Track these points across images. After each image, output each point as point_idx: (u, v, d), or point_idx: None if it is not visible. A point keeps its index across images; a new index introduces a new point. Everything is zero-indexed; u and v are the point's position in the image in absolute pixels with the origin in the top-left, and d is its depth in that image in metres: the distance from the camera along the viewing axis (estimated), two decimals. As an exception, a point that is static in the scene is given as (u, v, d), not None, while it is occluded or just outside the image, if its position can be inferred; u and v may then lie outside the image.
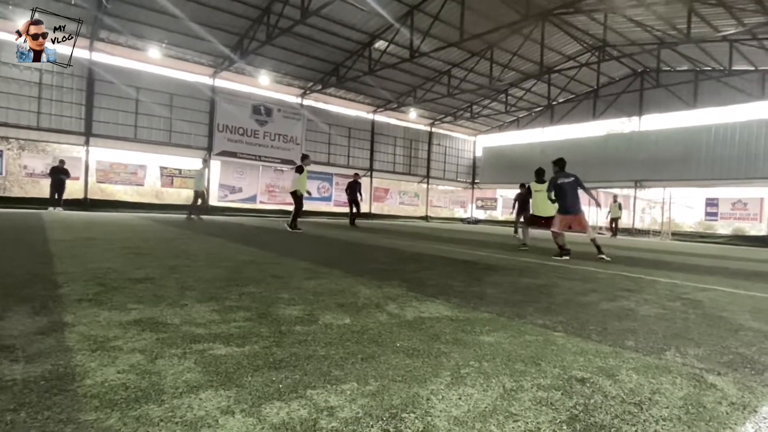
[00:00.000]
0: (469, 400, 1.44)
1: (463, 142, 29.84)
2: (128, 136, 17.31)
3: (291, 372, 1.60)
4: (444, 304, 2.89)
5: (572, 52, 19.99)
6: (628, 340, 2.28)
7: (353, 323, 2.31)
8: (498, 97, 24.09)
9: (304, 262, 4.66)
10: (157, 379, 1.47)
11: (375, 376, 1.59)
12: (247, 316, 2.33)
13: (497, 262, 5.87)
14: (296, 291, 3.06)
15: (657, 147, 20.75)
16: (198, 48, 17.22)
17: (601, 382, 1.66)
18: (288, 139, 21.13)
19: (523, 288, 3.76)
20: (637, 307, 3.16)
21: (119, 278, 3.21)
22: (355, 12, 15.57)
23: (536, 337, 2.23)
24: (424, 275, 4.20)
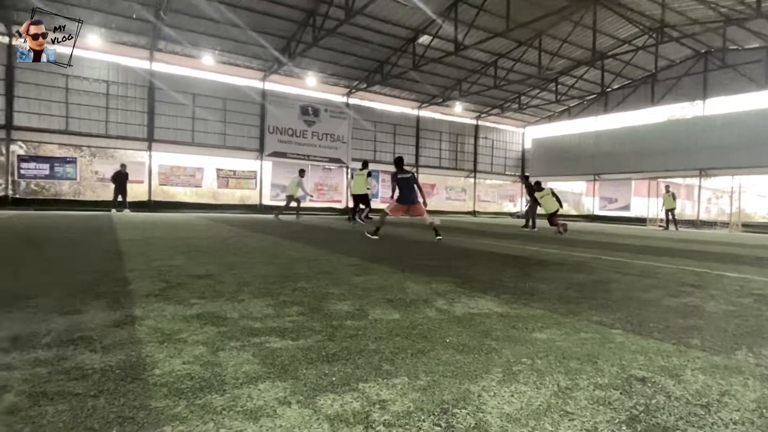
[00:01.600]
0: (522, 397, 1.42)
1: (510, 134, 29.09)
2: (186, 141, 18.28)
3: (343, 365, 1.64)
4: (494, 300, 2.85)
5: (627, 36, 18.93)
6: (693, 338, 2.16)
7: (402, 318, 2.33)
8: (547, 86, 23.26)
9: (352, 258, 4.74)
10: (219, 370, 1.56)
11: (425, 371, 1.60)
12: (300, 311, 2.41)
13: (549, 257, 5.70)
14: (346, 287, 3.13)
15: (724, 132, 19.21)
16: (248, 53, 17.87)
17: (664, 382, 1.58)
18: (335, 138, 21.51)
19: (578, 284, 3.64)
20: (703, 304, 2.97)
21: (182, 275, 3.41)
22: (399, 8, 15.55)
23: (592, 335, 2.16)
24: (472, 271, 4.16)
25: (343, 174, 22.22)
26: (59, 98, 15.92)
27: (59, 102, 15.93)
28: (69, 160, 16.86)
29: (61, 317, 2.14)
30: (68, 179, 16.90)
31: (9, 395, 1.31)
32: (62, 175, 16.47)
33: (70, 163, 16.67)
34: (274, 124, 19.91)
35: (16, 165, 15.74)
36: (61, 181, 17.73)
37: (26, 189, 18.08)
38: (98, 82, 16.46)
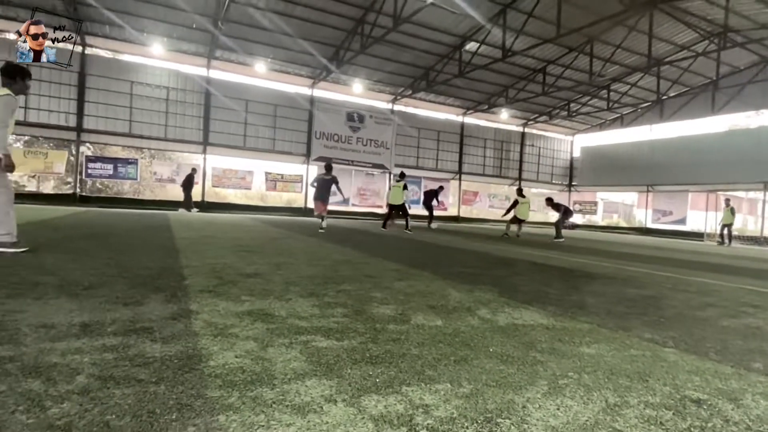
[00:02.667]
0: (568, 411, 1.40)
1: (558, 142, 28.29)
2: (238, 145, 19.05)
3: (386, 368, 1.67)
4: (539, 312, 2.80)
5: (686, 41, 18.02)
6: (755, 361, 2.04)
7: (445, 325, 2.34)
8: (599, 93, 22.47)
9: (393, 263, 4.77)
10: (269, 365, 1.63)
11: (468, 379, 1.61)
12: (344, 312, 2.47)
13: (597, 270, 5.51)
14: (388, 291, 3.16)
15: (794, 143, 17.85)
16: (298, 61, 18.42)
17: (722, 406, 1.51)
18: (378, 144, 21.73)
19: (628, 299, 3.50)
20: (766, 326, 2.79)
21: (233, 272, 3.57)
22: (446, 15, 15.54)
23: (643, 352, 2.08)
24: (515, 280, 4.09)
25: (386, 179, 22.38)
26: (124, 103, 17.04)
27: (124, 106, 17.04)
28: (131, 161, 17.97)
29: (124, 308, 2.30)
30: (129, 179, 18.00)
31: (80, 377, 1.43)
32: (124, 175, 17.57)
33: (132, 164, 17.76)
34: (320, 130, 20.39)
35: (84, 165, 16.94)
36: (122, 181, 18.90)
37: (91, 187, 19.41)
38: (159, 88, 17.49)
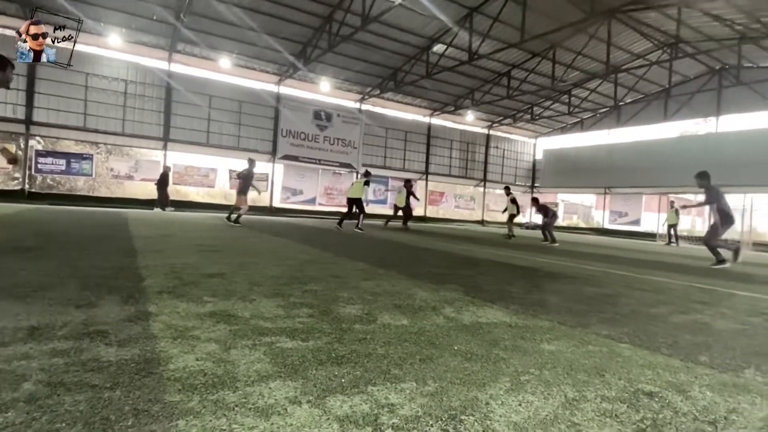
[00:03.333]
0: (530, 407, 1.43)
1: (522, 144, 29.05)
2: (201, 141, 18.53)
3: (352, 368, 1.66)
4: (502, 310, 2.86)
5: (641, 50, 18.90)
6: (701, 355, 2.15)
7: (411, 324, 2.35)
8: (560, 98, 23.23)
9: (360, 263, 4.77)
10: (231, 367, 1.59)
11: (433, 377, 1.62)
12: (309, 313, 2.44)
13: (558, 269, 5.68)
14: (354, 290, 3.16)
15: (737, 150, 19.02)
16: (265, 57, 18.10)
17: (671, 398, 1.59)
18: (346, 143, 21.66)
19: (587, 297, 3.63)
20: (713, 322, 2.95)
21: (195, 273, 3.47)
22: (414, 17, 15.67)
23: (600, 348, 2.16)
24: (480, 280, 4.17)
25: (353, 179, 22.34)
26: (78, 95, 16.24)
27: (78, 99, 16.25)
28: (85, 156, 17.13)
29: (76, 310, 2.19)
30: (84, 175, 17.18)
31: (27, 384, 1.35)
32: (78, 171, 16.75)
33: (87, 160, 16.95)
34: (287, 128, 20.12)
35: (34, 160, 16.03)
36: (76, 177, 18.01)
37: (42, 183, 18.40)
38: (117, 80, 16.77)
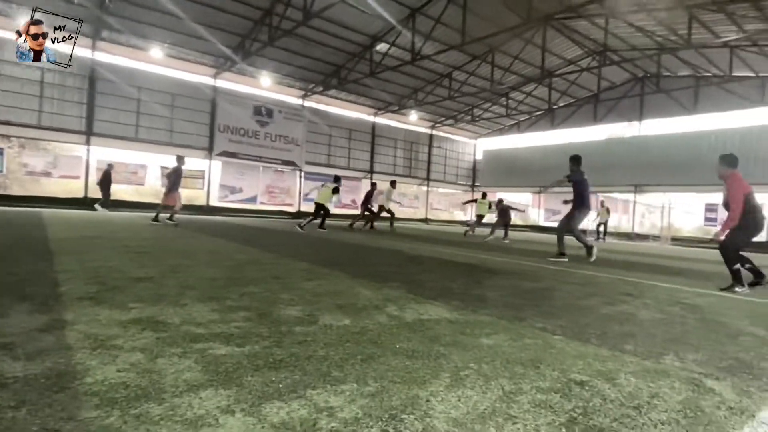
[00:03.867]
0: (468, 401, 1.44)
1: (463, 144, 29.88)
2: (129, 136, 17.36)
3: (291, 372, 1.60)
4: (443, 307, 2.89)
5: (573, 57, 20.02)
6: (627, 344, 2.29)
7: (353, 324, 2.31)
8: (499, 100, 24.12)
9: (303, 263, 4.67)
10: (158, 377, 1.48)
11: (374, 377, 1.60)
12: (247, 316, 2.33)
13: (498, 265, 5.88)
14: (296, 292, 3.07)
15: (657, 152, 20.77)
16: (200, 48, 17.26)
17: (600, 386, 1.66)
18: (288, 140, 21.18)
19: (524, 291, 3.77)
20: (637, 312, 3.16)
21: (120, 277, 3.22)
22: (357, 14, 15.61)
23: (536, 341, 2.24)
24: (423, 277, 4.21)
25: (296, 177, 21.89)
26: (-14, 83, 14.67)
27: (-15, 88, 14.67)
28: (-5, 150, 15.53)
29: (-22, 321, 1.95)
30: (-7, 171, 15.56)
31: None
32: (-14, 166, 15.15)
33: (-4, 154, 15.37)
34: (224, 123, 19.33)
35: (-68, 154, 14.30)
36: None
37: (-58, 180, 16.46)
38: (31, 68, 15.27)
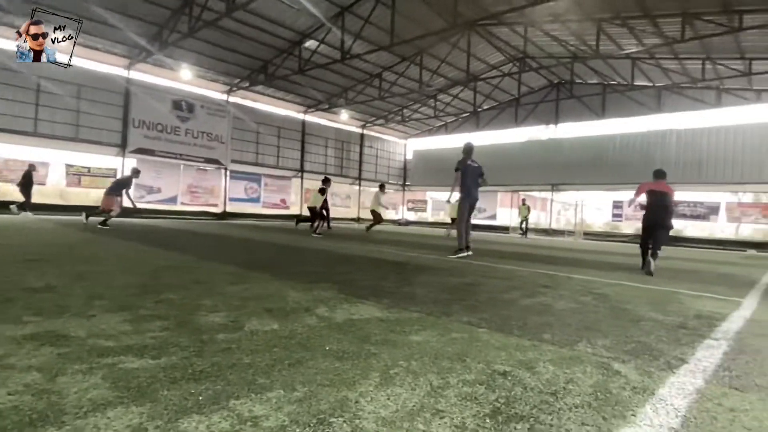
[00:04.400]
0: (398, 399, 1.45)
1: (394, 144, 30.30)
2: (27, 130, 15.60)
3: (212, 383, 1.51)
4: (375, 306, 2.90)
5: (496, 62, 21.04)
6: (545, 333, 2.43)
7: (281, 328, 2.24)
8: (427, 102, 24.75)
9: (229, 266, 4.46)
10: (57, 398, 1.32)
11: (302, 382, 1.55)
12: (164, 326, 2.17)
13: (427, 262, 6.01)
14: (220, 297, 2.92)
15: (570, 153, 22.54)
16: (111, 37, 15.91)
17: (521, 375, 1.74)
18: (212, 137, 20.16)
19: (451, 287, 3.88)
20: (554, 303, 3.37)
21: (13, 288, 2.87)
22: (285, 9, 15.25)
23: (462, 335, 2.30)
24: (355, 277, 4.19)
25: (221, 176, 20.92)
26: None
27: None
28: None
29: None
30: None
31: None
32: None
33: None
34: (140, 118, 17.98)
35: None
36: None
37: None
38: None
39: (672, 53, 16.77)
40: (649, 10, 13.70)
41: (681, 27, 13.27)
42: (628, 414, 1.43)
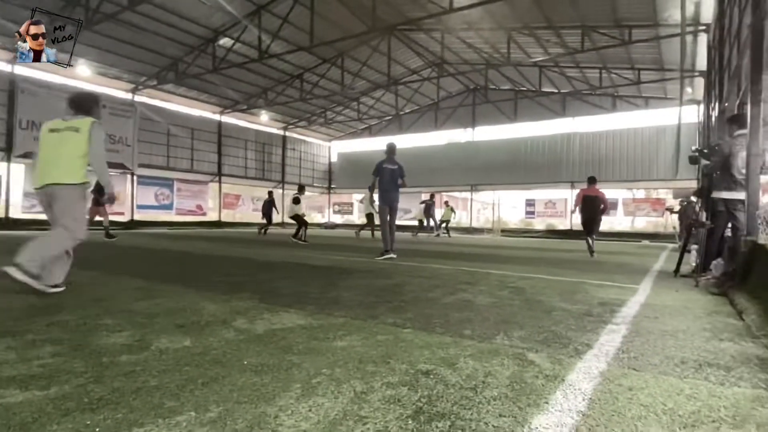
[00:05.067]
0: (320, 410, 1.40)
1: (318, 147, 29.96)
2: None
3: (112, 411, 1.36)
4: (298, 313, 2.81)
5: (416, 67, 21.62)
6: (466, 329, 2.50)
7: (194, 345, 2.08)
8: (350, 104, 24.80)
9: (136, 280, 4.10)
10: None
11: (217, 401, 1.45)
12: (55, 351, 1.93)
13: (353, 265, 5.99)
14: (124, 314, 2.66)
15: (487, 155, 23.81)
16: (-9, 27, 14.08)
17: (443, 372, 1.77)
18: (116, 140, 18.41)
19: (377, 289, 3.89)
20: (474, 298, 3.50)
21: None
22: (197, 5, 14.48)
23: (387, 336, 2.30)
24: (278, 284, 4.05)
25: (127, 181, 19.27)
26: None
27: None
28: None
29: None
30: None
31: None
32: None
33: None
34: (28, 118, 15.97)
35: None
36: None
37: None
38: None
39: (574, 62, 18.33)
40: (553, 22, 14.87)
41: (581, 38, 14.57)
42: (541, 402, 1.51)
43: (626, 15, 13.53)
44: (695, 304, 3.54)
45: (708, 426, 1.36)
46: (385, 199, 7.16)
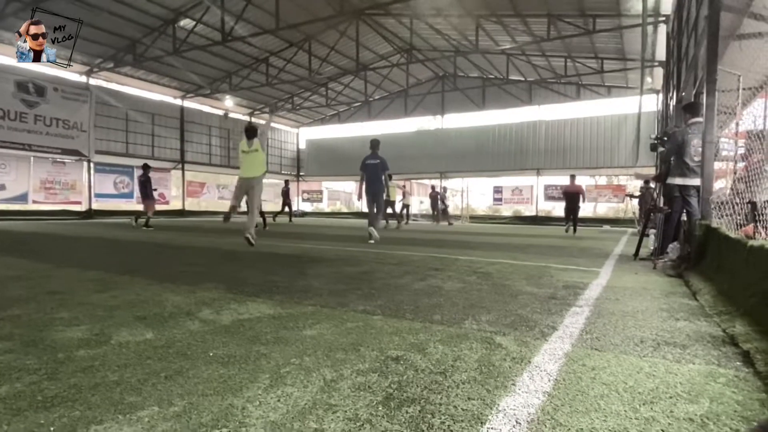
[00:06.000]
0: (288, 400, 1.38)
1: (286, 133, 29.40)
2: None
3: (68, 409, 1.29)
4: (266, 302, 2.76)
5: (385, 53, 21.41)
6: (435, 314, 2.52)
7: (157, 337, 2.01)
8: (318, 90, 24.37)
9: (93, 272, 3.93)
10: None
11: (181, 395, 1.40)
12: (6, 348, 1.82)
13: (321, 253, 5.94)
14: (81, 308, 2.54)
15: (456, 142, 23.97)
16: (-75, 1, 13.01)
17: (413, 358, 1.78)
18: (70, 125, 17.44)
19: (347, 277, 3.87)
20: (443, 284, 3.54)
21: None
22: (155, -17, 13.80)
23: (357, 324, 2.29)
24: (245, 274, 3.97)
25: (83, 169, 18.35)
26: None
27: None
28: None
29: None
30: None
31: None
32: None
33: None
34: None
35: None
36: None
37: None
38: None
39: (540, 51, 18.58)
40: (520, 10, 14.99)
41: (547, 27, 14.76)
42: (508, 384, 1.53)
43: (591, 4, 13.78)
44: (653, 285, 3.69)
45: (666, 402, 1.42)
46: (368, 190, 8.42)
